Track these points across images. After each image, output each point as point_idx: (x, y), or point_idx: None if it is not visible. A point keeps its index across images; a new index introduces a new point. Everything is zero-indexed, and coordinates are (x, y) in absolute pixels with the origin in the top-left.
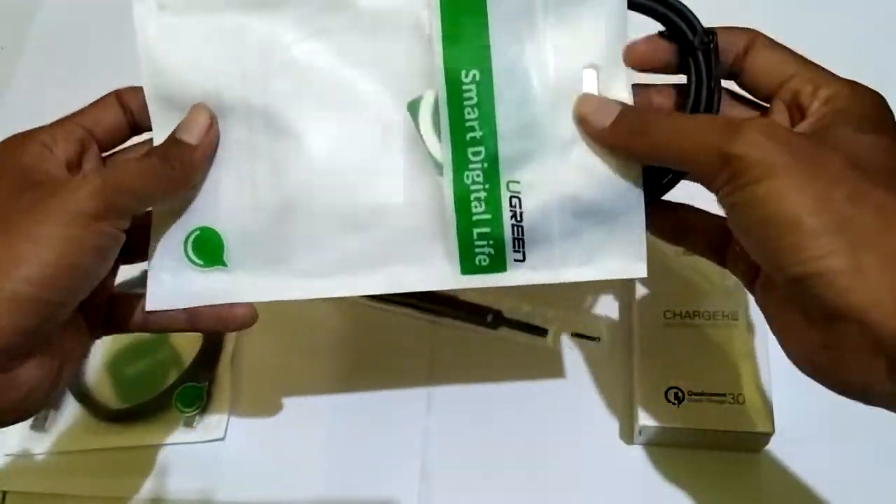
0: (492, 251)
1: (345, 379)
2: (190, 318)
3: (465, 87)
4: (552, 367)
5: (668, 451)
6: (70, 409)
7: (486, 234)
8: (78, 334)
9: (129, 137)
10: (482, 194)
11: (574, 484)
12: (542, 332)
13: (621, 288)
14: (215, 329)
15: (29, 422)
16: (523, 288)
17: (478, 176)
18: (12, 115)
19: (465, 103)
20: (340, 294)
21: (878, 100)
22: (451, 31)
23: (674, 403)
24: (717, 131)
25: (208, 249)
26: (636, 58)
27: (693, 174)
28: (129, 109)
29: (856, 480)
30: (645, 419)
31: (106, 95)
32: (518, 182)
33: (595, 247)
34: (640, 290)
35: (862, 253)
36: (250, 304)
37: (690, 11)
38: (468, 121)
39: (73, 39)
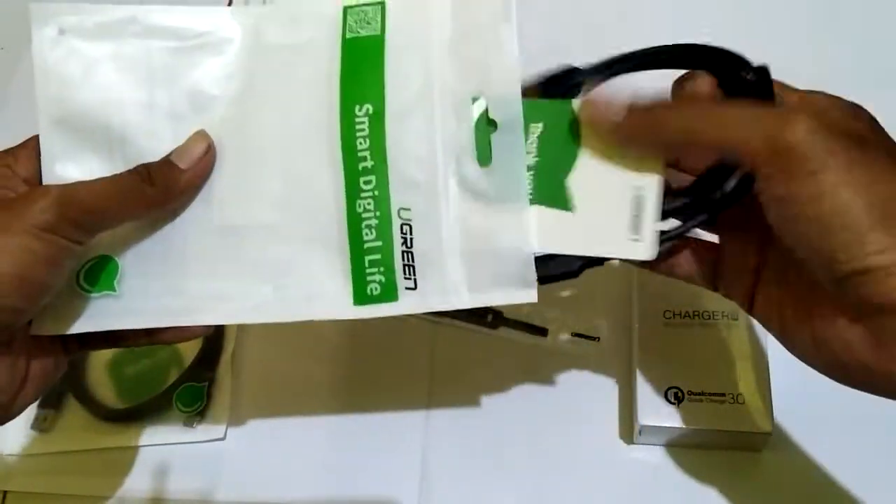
0: (383, 279)
1: (345, 379)
2: (149, 335)
3: (358, 120)
4: (552, 367)
5: (667, 450)
6: (70, 409)
7: (377, 262)
8: (50, 350)
9: None
10: (373, 222)
11: (574, 484)
12: (542, 332)
13: (621, 288)
14: (175, 342)
15: (29, 422)
16: None
17: (369, 204)
18: (12, 115)
19: (358, 135)
20: (230, 322)
21: (862, 112)
22: (350, 68)
23: (674, 403)
24: (767, 118)
25: (101, 276)
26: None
27: (734, 162)
28: None
29: (856, 480)
30: (645, 419)
31: None
32: (409, 209)
33: (485, 273)
34: (640, 290)
35: None
36: None
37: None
38: (360, 150)
39: None
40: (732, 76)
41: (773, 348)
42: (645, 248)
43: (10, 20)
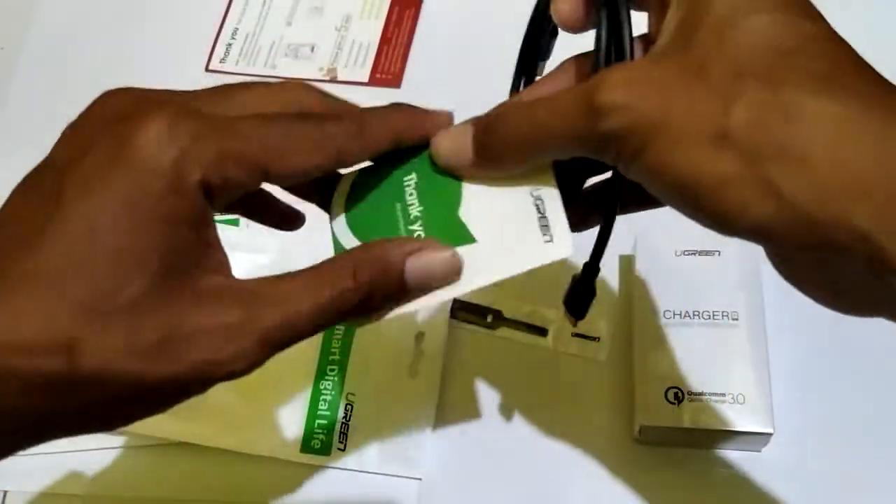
0: (324, 438)
1: None
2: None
3: (336, 329)
4: (552, 367)
5: (668, 450)
6: None
7: (323, 426)
8: None
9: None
10: (328, 396)
11: (574, 483)
12: (542, 332)
13: (621, 288)
14: None
15: None
16: (523, 288)
17: (329, 385)
18: (12, 115)
19: (334, 343)
20: (201, 443)
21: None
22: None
23: (674, 403)
24: (577, 108)
25: None
26: (561, 19)
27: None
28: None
29: (856, 481)
30: (645, 419)
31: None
32: (354, 395)
33: (388, 453)
34: (640, 290)
35: (810, 155)
36: None
37: None
38: (332, 353)
39: (72, 39)
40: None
41: (774, 348)
42: (561, 246)
43: (10, 20)
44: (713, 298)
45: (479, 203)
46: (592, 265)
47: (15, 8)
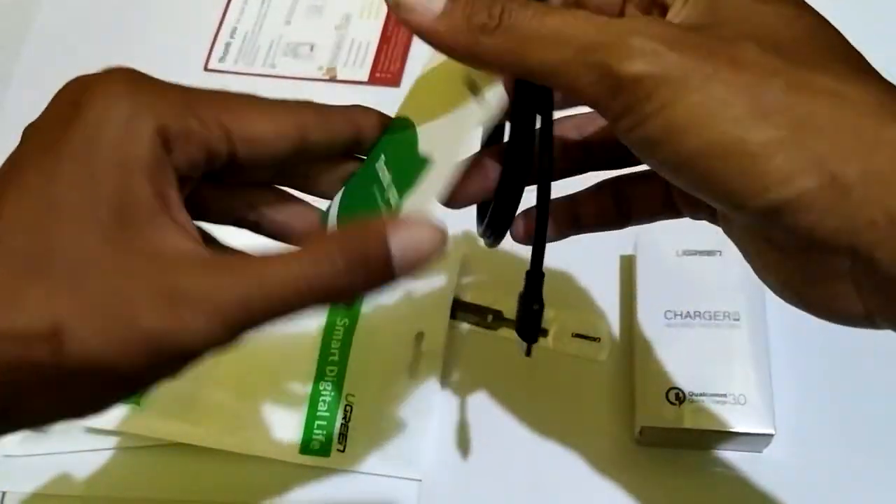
0: (323, 440)
1: None
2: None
3: (336, 329)
4: (552, 368)
5: (668, 451)
6: None
7: (322, 426)
8: None
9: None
10: (328, 398)
11: (574, 484)
12: (542, 332)
13: (621, 288)
14: None
15: None
16: None
17: (328, 386)
18: (12, 115)
19: (333, 344)
20: (200, 444)
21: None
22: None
23: (674, 404)
24: (598, 38)
25: None
26: None
27: (572, 95)
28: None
29: (857, 481)
30: (645, 419)
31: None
32: (353, 396)
33: (388, 454)
34: (640, 290)
35: (833, 161)
36: None
37: None
38: (331, 353)
39: (72, 39)
40: None
41: (774, 348)
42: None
43: (9, 20)
44: (714, 299)
45: (431, 131)
46: (535, 272)
47: (15, 8)
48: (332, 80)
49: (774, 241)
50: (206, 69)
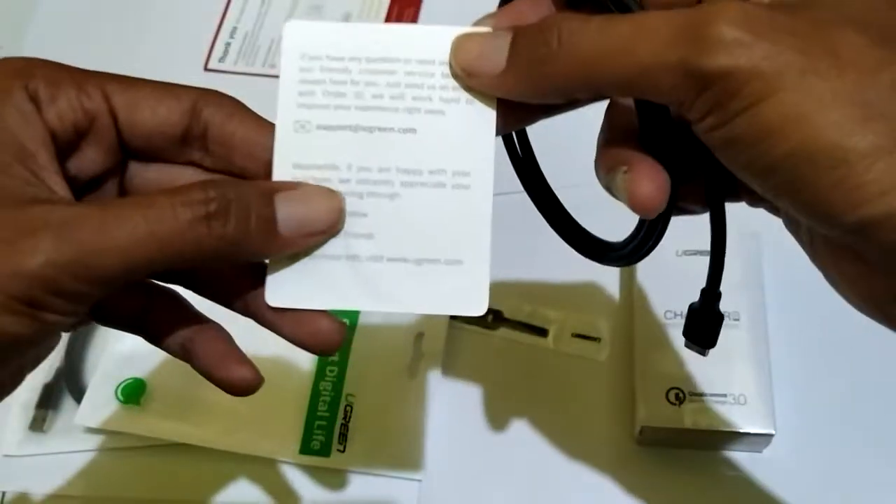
0: (323, 440)
1: None
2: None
3: None
4: (552, 368)
5: (668, 451)
6: (68, 410)
7: (322, 426)
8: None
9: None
10: (328, 398)
11: (574, 484)
12: (542, 332)
13: (621, 288)
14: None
15: (28, 422)
16: (524, 288)
17: (328, 386)
18: None
19: None
20: (200, 444)
21: None
22: None
23: (674, 404)
24: (675, 34)
25: (131, 392)
26: None
27: (654, 100)
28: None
29: (857, 481)
30: (645, 419)
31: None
32: (353, 396)
33: (388, 454)
34: (640, 290)
35: None
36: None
37: None
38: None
39: (71, 39)
40: None
41: (774, 348)
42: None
43: (9, 20)
44: None
45: None
46: (712, 290)
47: (15, 8)
48: None
49: (861, 256)
50: (206, 69)
